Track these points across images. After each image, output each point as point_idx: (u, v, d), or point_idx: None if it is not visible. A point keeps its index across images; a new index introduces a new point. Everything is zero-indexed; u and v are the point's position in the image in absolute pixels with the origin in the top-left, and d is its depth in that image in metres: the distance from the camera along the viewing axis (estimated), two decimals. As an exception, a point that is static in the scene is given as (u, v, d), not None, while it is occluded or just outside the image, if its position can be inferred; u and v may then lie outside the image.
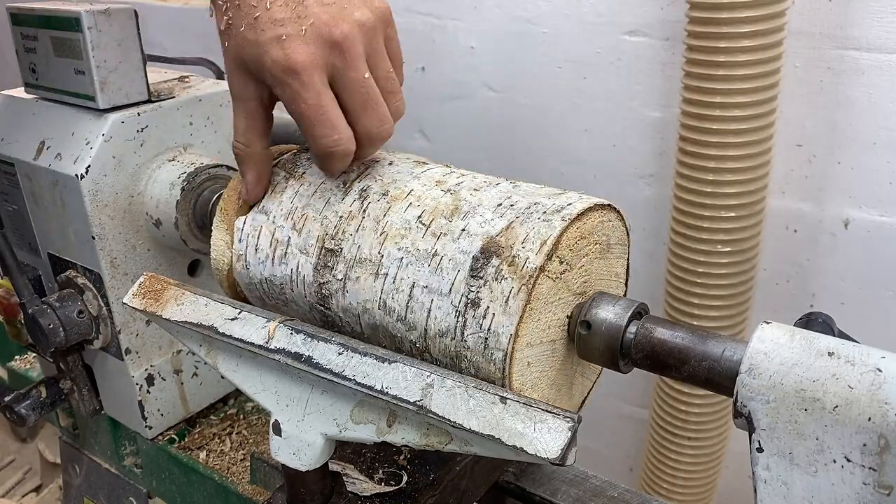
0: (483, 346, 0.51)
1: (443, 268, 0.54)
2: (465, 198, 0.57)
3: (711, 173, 1.19)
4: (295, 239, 0.61)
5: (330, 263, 0.59)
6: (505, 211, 0.55)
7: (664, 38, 1.33)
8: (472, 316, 0.52)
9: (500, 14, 1.50)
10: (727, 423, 1.39)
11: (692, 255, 1.25)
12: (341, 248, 0.58)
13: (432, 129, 1.71)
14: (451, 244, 0.54)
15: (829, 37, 1.18)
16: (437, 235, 0.55)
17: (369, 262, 0.57)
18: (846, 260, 1.28)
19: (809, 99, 1.22)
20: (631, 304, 0.54)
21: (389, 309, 0.56)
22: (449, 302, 0.53)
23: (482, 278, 0.52)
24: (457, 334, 0.53)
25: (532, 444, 0.46)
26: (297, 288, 0.61)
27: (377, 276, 0.56)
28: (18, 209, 0.85)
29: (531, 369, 0.53)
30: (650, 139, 1.41)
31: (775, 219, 1.31)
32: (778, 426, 0.46)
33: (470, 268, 0.53)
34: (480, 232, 0.54)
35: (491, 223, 0.54)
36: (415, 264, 0.55)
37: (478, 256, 0.53)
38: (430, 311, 0.54)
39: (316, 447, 0.56)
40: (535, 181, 0.63)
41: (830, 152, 1.24)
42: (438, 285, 0.53)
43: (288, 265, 0.61)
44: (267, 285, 0.63)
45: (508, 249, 0.52)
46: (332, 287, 0.59)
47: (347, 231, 0.59)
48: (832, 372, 0.45)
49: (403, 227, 0.57)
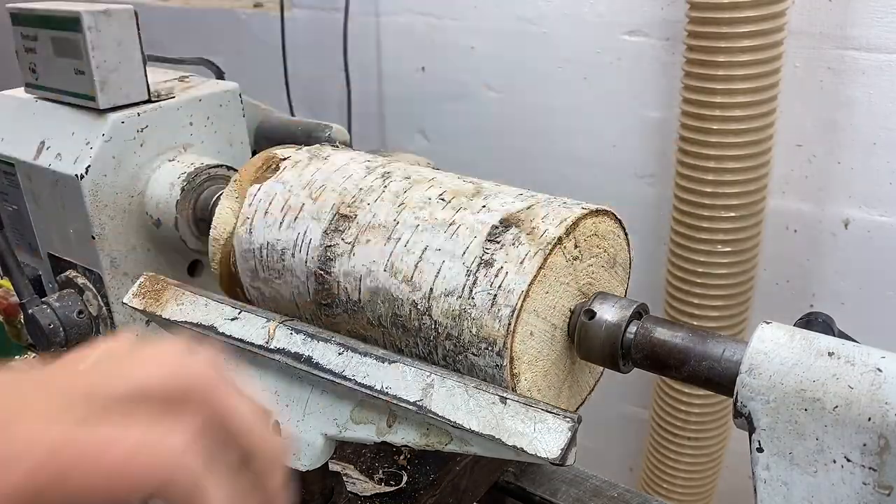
0: (491, 302, 0.51)
1: (459, 234, 0.55)
2: (487, 186, 0.59)
3: (711, 173, 1.19)
4: (309, 206, 0.61)
5: (341, 227, 0.59)
6: (527, 197, 0.57)
7: (664, 38, 1.33)
8: (483, 275, 0.52)
9: (501, 14, 1.50)
10: (727, 422, 1.39)
11: (692, 255, 1.25)
12: (356, 214, 0.59)
13: (432, 130, 1.71)
14: (471, 216, 0.55)
15: (829, 37, 1.18)
16: (457, 209, 0.56)
17: (383, 228, 0.57)
18: (846, 260, 1.28)
19: (809, 99, 1.22)
20: (631, 303, 0.54)
21: (396, 270, 0.56)
22: (461, 263, 0.53)
23: (499, 243, 0.53)
24: (464, 292, 0.53)
25: (532, 444, 0.46)
26: (299, 254, 0.61)
27: (389, 239, 0.57)
28: (18, 209, 0.85)
29: (533, 340, 0.53)
30: (650, 139, 1.41)
31: (775, 219, 1.31)
32: (778, 426, 0.46)
33: (488, 234, 0.54)
34: (501, 209, 0.55)
35: (512, 204, 0.56)
36: (430, 231, 0.56)
37: (497, 225, 0.54)
38: (440, 272, 0.54)
39: (316, 447, 0.56)
40: (534, 181, 0.64)
41: (830, 152, 1.24)
42: (452, 248, 0.54)
43: (295, 230, 0.61)
44: (266, 251, 0.63)
45: (528, 222, 0.53)
46: (338, 250, 0.59)
47: (366, 201, 0.59)
48: (832, 372, 0.45)
49: (423, 201, 0.58)
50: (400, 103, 1.74)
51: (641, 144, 1.42)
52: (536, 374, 0.54)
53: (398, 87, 1.72)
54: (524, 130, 1.56)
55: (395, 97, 1.74)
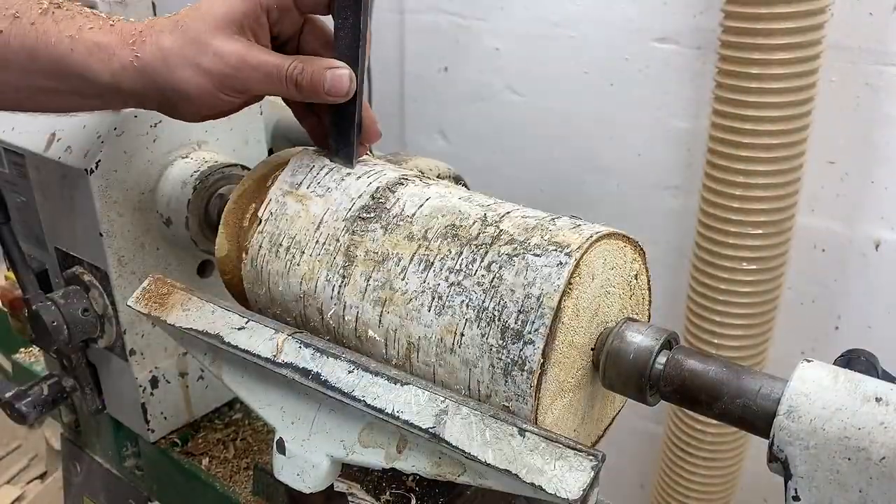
0: (573, 225, 0.52)
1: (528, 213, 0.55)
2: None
3: (740, 188, 1.15)
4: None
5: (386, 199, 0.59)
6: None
7: (695, 46, 1.29)
8: (568, 218, 0.53)
9: (527, 16, 1.47)
10: (744, 441, 1.36)
11: (716, 270, 1.22)
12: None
13: (452, 131, 1.68)
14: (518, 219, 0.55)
15: (868, 51, 1.14)
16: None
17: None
18: (875, 282, 1.24)
19: (845, 114, 1.18)
20: (662, 332, 0.51)
21: (476, 202, 0.56)
22: (537, 214, 0.54)
23: (578, 218, 0.53)
24: (544, 220, 0.53)
25: (551, 483, 0.43)
26: (339, 212, 0.59)
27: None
28: (27, 201, 0.83)
29: (568, 336, 0.50)
30: (676, 150, 1.37)
31: (803, 236, 1.27)
32: (817, 475, 0.42)
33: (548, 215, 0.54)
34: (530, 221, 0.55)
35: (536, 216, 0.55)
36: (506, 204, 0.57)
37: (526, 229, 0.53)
38: (522, 209, 0.55)
39: (321, 469, 0.53)
40: (556, 188, 0.62)
41: (864, 171, 1.20)
42: (526, 212, 0.55)
43: (346, 192, 0.60)
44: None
45: (556, 233, 0.52)
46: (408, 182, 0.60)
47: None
48: (880, 420, 0.41)
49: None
50: (421, 103, 1.71)
51: (667, 155, 1.38)
52: (564, 364, 0.51)
53: (420, 87, 1.69)
54: (546, 135, 1.53)
55: (417, 97, 1.71)
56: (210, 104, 0.58)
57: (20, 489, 2.12)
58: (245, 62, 0.56)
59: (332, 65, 0.58)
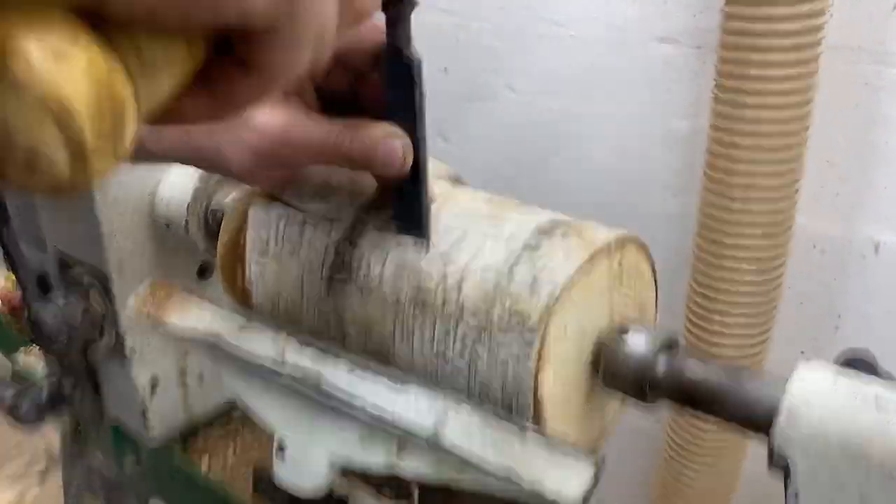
0: (532, 280, 0.49)
1: (505, 224, 0.53)
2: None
3: (739, 189, 1.15)
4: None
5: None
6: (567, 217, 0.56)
7: (696, 46, 1.29)
8: (527, 256, 0.50)
9: (528, 15, 1.47)
10: (745, 441, 1.36)
11: (716, 271, 1.21)
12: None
13: (452, 132, 1.68)
14: (518, 216, 0.54)
15: (867, 52, 1.14)
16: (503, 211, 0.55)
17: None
18: (875, 283, 1.24)
19: (844, 115, 1.18)
20: (662, 334, 0.51)
21: (431, 244, 0.53)
22: (504, 244, 0.51)
23: (547, 233, 0.51)
24: (504, 268, 0.50)
25: (552, 487, 0.43)
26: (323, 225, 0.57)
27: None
28: (27, 202, 0.83)
29: (564, 343, 0.49)
30: (677, 150, 1.37)
31: (802, 237, 1.27)
32: (818, 477, 0.43)
33: (536, 226, 0.52)
34: (549, 215, 0.54)
35: (556, 215, 0.55)
36: (473, 217, 0.54)
37: (545, 223, 0.52)
38: (481, 250, 0.51)
39: (321, 473, 0.53)
40: (554, 188, 0.61)
41: (863, 172, 1.20)
42: (497, 231, 0.52)
43: (312, 245, 0.58)
44: (286, 220, 0.59)
45: (578, 227, 0.52)
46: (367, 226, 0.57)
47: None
48: (880, 421, 0.41)
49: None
50: (421, 103, 1.70)
51: (667, 155, 1.38)
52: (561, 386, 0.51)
53: (419, 86, 1.68)
54: (546, 136, 1.52)
55: (416, 96, 1.70)
56: (253, 182, 0.53)
57: (20, 489, 2.13)
58: (289, 137, 0.47)
59: (385, 134, 0.48)
